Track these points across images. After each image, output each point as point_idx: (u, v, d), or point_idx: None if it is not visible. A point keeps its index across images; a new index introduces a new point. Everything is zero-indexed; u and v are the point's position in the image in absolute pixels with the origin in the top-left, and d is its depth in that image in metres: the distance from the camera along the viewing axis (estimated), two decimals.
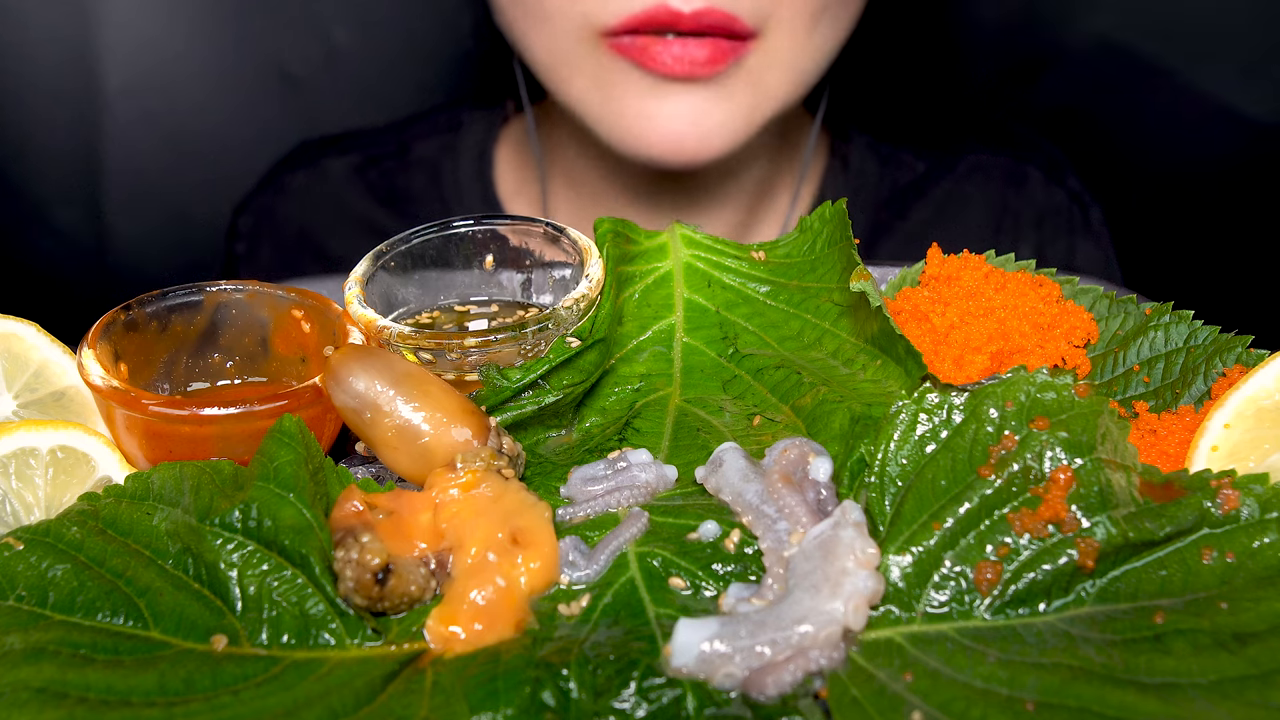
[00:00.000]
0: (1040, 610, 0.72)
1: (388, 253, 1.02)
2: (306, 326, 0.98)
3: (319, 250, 1.82)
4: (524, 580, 0.74)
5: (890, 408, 0.78)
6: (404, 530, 0.77)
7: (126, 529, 0.77)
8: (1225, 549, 0.72)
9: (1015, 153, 1.83)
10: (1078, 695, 0.65)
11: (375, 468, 0.91)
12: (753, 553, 0.76)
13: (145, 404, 0.87)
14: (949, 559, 0.74)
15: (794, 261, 1.03)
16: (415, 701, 0.68)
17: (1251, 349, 0.93)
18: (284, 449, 0.79)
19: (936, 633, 0.72)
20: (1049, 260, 1.08)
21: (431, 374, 0.86)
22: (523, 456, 0.87)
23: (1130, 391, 0.96)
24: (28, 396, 0.93)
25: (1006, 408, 0.76)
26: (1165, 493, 0.74)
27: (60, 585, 0.74)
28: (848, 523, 0.73)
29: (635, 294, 1.01)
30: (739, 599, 0.73)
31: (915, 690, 0.67)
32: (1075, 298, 1.03)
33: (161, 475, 0.80)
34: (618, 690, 0.68)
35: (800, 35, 1.44)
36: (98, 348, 0.91)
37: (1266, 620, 0.67)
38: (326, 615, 0.74)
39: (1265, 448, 0.84)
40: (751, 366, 0.96)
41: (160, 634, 0.73)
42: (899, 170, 1.79)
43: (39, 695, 0.66)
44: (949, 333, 0.96)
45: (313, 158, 1.87)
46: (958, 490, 0.75)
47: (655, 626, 0.72)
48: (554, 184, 1.73)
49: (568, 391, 0.90)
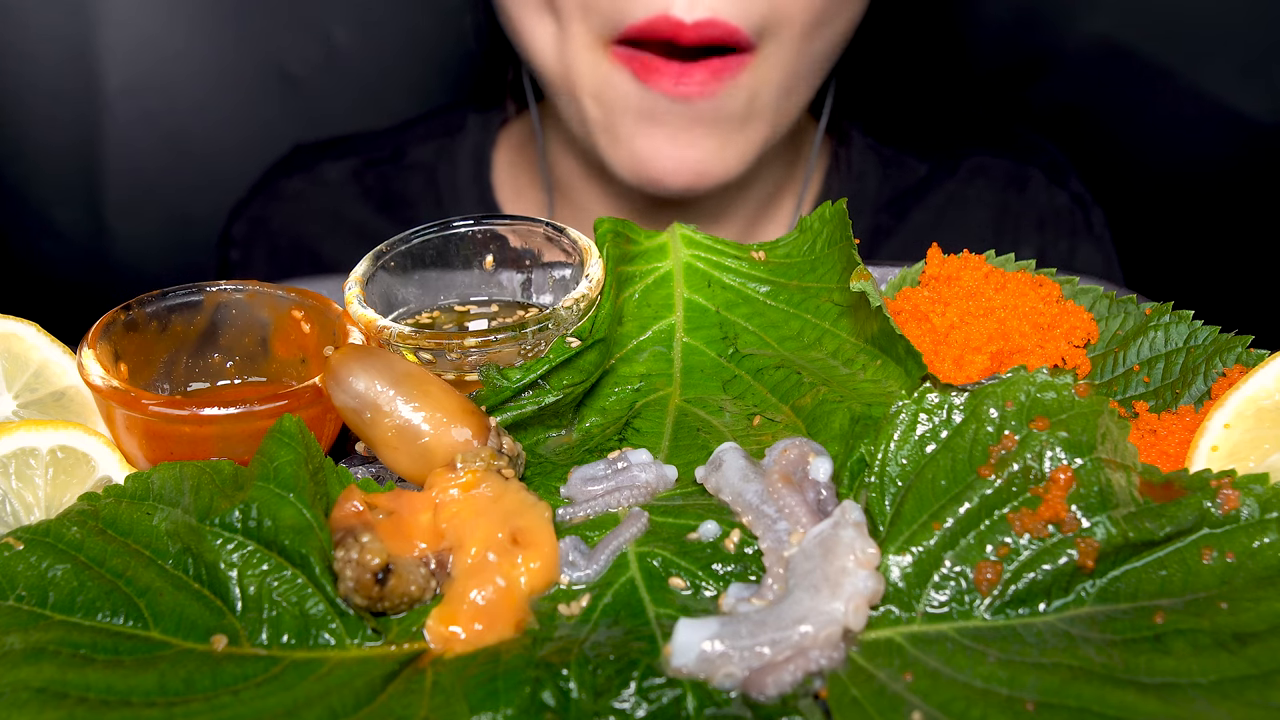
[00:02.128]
0: (1040, 610, 0.72)
1: (388, 253, 1.02)
2: (306, 326, 0.98)
3: (314, 256, 1.81)
4: (524, 580, 0.74)
5: (890, 408, 0.78)
6: (404, 530, 0.77)
7: (126, 529, 0.77)
8: (1225, 549, 0.72)
9: (1017, 155, 1.82)
10: (1078, 695, 0.65)
11: (375, 468, 0.91)
12: (753, 553, 0.76)
13: (145, 404, 0.87)
14: (949, 559, 0.74)
15: (794, 261, 1.03)
16: (415, 701, 0.68)
17: (1251, 349, 0.93)
18: (284, 449, 0.79)
19: (936, 633, 0.72)
20: (1050, 263, 1.08)
21: (431, 374, 0.86)
22: (523, 456, 0.87)
23: (1130, 391, 0.96)
24: (28, 396, 0.93)
25: (1006, 408, 0.76)
26: (1165, 493, 0.74)
27: (60, 585, 0.74)
28: (848, 523, 0.73)
29: (635, 294, 1.01)
30: (739, 599, 0.73)
31: (915, 690, 0.67)
32: (1075, 298, 1.03)
33: (161, 475, 0.80)
34: (618, 690, 0.67)
35: (800, 44, 1.43)
36: (98, 348, 0.91)
37: (1266, 620, 0.67)
38: (326, 615, 0.74)
39: (1265, 448, 0.84)
40: (751, 366, 0.96)
41: (160, 634, 0.73)
42: (900, 172, 1.78)
43: (39, 695, 0.66)
44: (949, 333, 0.96)
45: (308, 163, 1.86)
46: (958, 490, 0.75)
47: (655, 626, 0.72)
48: (553, 189, 1.73)
49: (568, 391, 0.90)
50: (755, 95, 1.43)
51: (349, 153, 1.85)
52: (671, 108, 1.41)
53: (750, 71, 1.40)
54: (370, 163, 1.83)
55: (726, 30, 1.35)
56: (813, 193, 1.75)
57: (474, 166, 1.79)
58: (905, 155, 1.80)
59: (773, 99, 1.45)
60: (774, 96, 1.45)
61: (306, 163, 1.85)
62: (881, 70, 1.89)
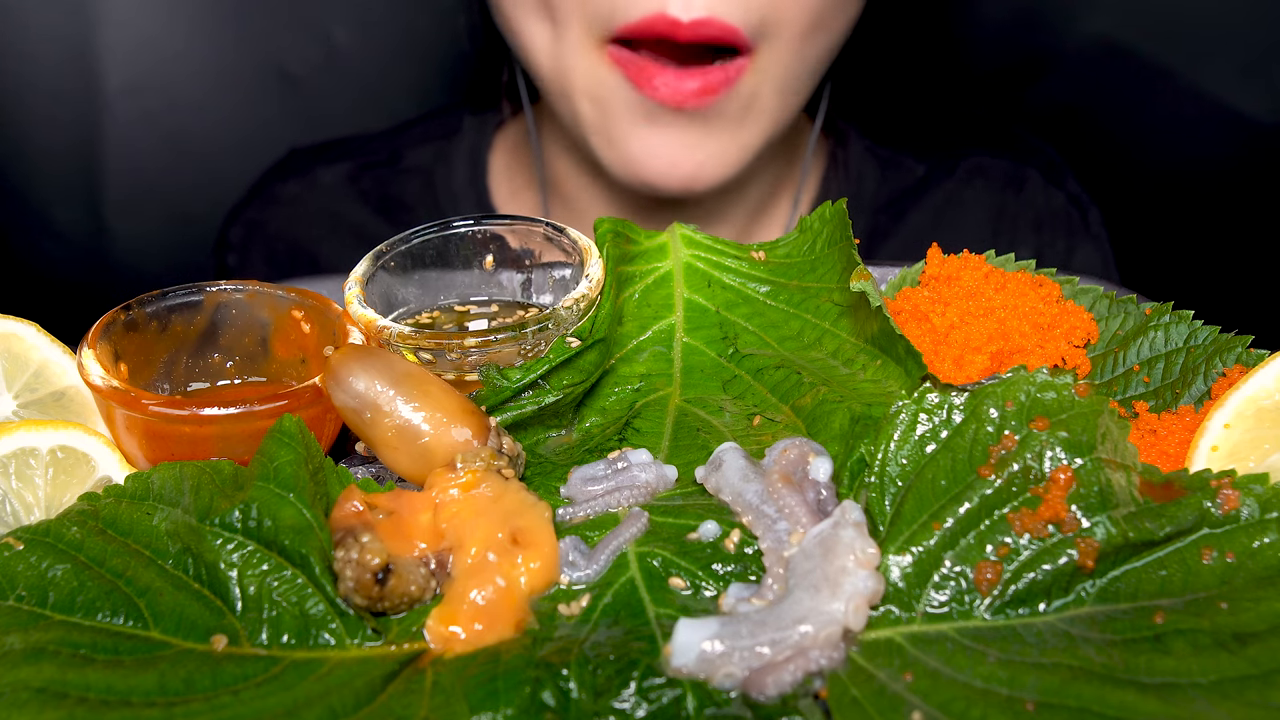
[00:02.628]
0: (1040, 610, 0.72)
1: (388, 253, 1.02)
2: (306, 326, 0.98)
3: (312, 259, 1.80)
4: (524, 580, 0.74)
5: (890, 407, 0.78)
6: (404, 530, 0.77)
7: (126, 529, 0.77)
8: (1225, 549, 0.72)
9: (1015, 155, 1.82)
10: (1078, 695, 0.65)
11: (375, 468, 0.91)
12: (753, 553, 0.76)
13: (145, 404, 0.87)
14: (949, 559, 0.74)
15: (794, 261, 1.03)
16: (415, 701, 0.68)
17: (1251, 349, 0.93)
18: (284, 449, 0.79)
19: (936, 633, 0.72)
20: (1048, 263, 1.08)
21: (431, 374, 0.86)
22: (523, 456, 0.87)
23: (1130, 391, 0.96)
24: (28, 396, 0.93)
25: (1006, 407, 0.76)
26: (1165, 493, 0.74)
27: (60, 585, 0.74)
28: (848, 522, 0.73)
29: (635, 294, 1.01)
30: (739, 599, 0.73)
31: (915, 690, 0.67)
32: (1075, 298, 1.03)
33: (161, 475, 0.80)
34: (618, 690, 0.67)
35: (797, 46, 1.42)
36: (98, 348, 0.91)
37: (1266, 620, 0.67)
38: (326, 615, 0.74)
39: (1265, 448, 0.84)
40: (751, 366, 0.96)
41: (160, 634, 0.73)
42: (898, 173, 1.78)
43: (39, 695, 0.66)
44: (949, 333, 0.96)
45: (304, 166, 1.85)
46: (958, 490, 0.75)
47: (655, 626, 0.72)
48: (549, 191, 1.72)
49: (568, 391, 0.90)
50: (752, 98, 1.43)
51: (344, 156, 1.85)
52: (665, 111, 1.41)
53: (746, 77, 1.40)
54: (366, 166, 1.83)
55: (723, 29, 1.35)
56: (810, 193, 1.75)
57: (470, 169, 1.79)
58: (903, 155, 1.80)
59: (769, 101, 1.45)
60: (771, 99, 1.45)
61: (302, 167, 1.85)
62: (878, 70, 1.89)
